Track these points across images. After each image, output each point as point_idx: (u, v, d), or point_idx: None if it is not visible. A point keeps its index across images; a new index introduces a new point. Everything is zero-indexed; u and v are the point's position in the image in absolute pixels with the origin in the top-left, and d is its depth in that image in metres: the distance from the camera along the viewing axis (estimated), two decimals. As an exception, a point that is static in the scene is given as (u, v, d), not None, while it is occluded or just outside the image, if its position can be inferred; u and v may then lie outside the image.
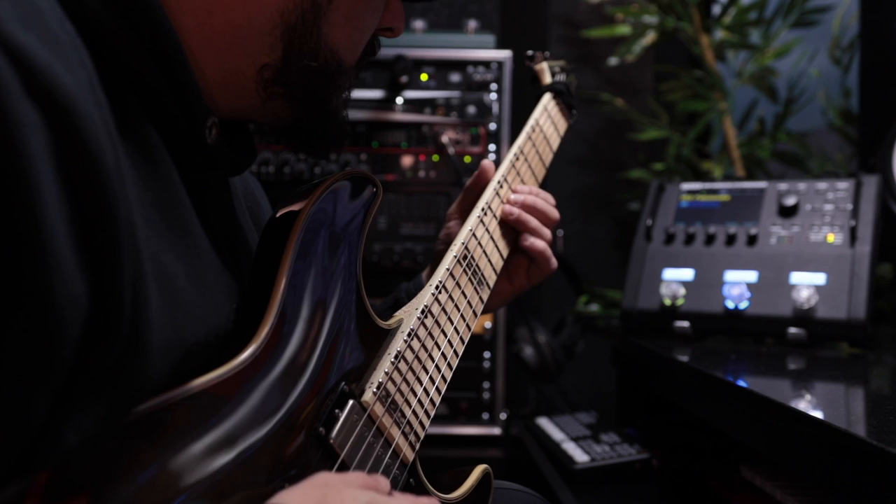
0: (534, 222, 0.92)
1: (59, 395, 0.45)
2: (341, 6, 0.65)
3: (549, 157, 1.02)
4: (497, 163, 1.21)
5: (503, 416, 1.67)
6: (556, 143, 1.04)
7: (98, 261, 0.45)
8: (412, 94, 1.68)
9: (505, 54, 1.70)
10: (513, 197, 0.93)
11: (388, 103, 1.67)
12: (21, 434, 0.44)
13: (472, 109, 1.68)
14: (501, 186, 0.92)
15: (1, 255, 0.41)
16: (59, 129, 0.43)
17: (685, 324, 1.35)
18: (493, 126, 1.68)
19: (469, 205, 0.95)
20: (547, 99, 1.05)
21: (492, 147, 1.68)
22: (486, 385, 1.67)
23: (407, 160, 1.68)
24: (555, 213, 0.96)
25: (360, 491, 0.54)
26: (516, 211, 0.91)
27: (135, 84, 0.54)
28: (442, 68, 1.69)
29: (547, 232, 0.94)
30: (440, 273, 0.79)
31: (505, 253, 0.90)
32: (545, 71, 1.11)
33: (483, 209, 0.87)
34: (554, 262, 0.95)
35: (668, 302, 1.36)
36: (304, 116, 0.68)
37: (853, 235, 1.28)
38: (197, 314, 0.56)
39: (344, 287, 0.65)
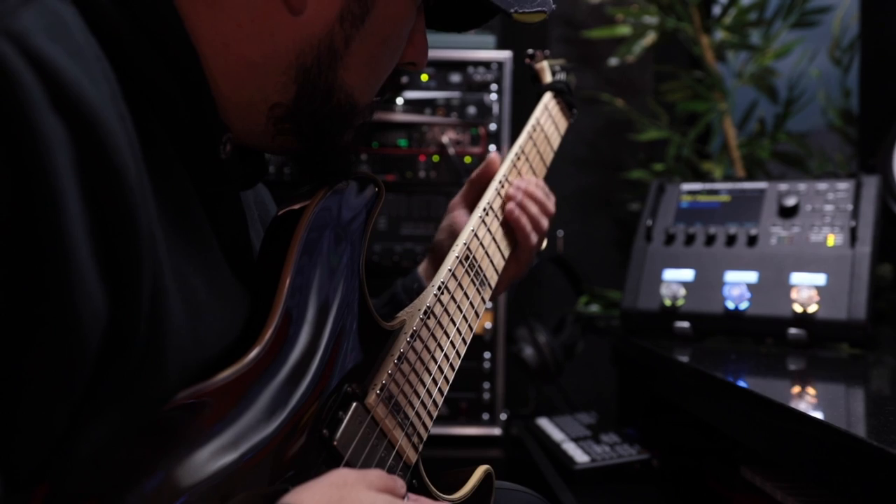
0: (526, 221, 0.92)
1: (75, 408, 0.46)
2: (359, 51, 0.63)
3: (549, 156, 1.02)
4: (498, 162, 1.21)
5: (503, 416, 1.67)
6: (556, 141, 1.04)
7: (118, 273, 0.46)
8: (412, 94, 1.68)
9: (505, 54, 1.70)
10: (511, 192, 0.91)
11: (388, 103, 1.67)
12: (41, 446, 0.44)
13: (472, 110, 1.68)
14: (503, 186, 0.91)
15: (25, 269, 0.41)
16: (84, 143, 0.44)
17: (685, 324, 1.35)
18: (493, 126, 1.68)
19: (473, 196, 0.95)
20: (548, 98, 1.05)
21: (492, 147, 1.68)
22: (486, 385, 1.67)
23: (407, 160, 1.68)
24: (550, 208, 0.95)
25: (378, 494, 0.54)
26: (516, 212, 0.91)
27: (153, 97, 0.54)
28: (442, 68, 1.69)
29: (542, 227, 0.94)
30: (442, 273, 0.78)
31: (506, 253, 0.90)
32: (545, 70, 1.11)
33: (485, 209, 0.87)
34: (534, 237, 0.93)
35: (668, 302, 1.36)
36: (312, 151, 0.67)
37: (853, 236, 1.28)
38: (216, 327, 0.56)
39: (347, 286, 0.65)
